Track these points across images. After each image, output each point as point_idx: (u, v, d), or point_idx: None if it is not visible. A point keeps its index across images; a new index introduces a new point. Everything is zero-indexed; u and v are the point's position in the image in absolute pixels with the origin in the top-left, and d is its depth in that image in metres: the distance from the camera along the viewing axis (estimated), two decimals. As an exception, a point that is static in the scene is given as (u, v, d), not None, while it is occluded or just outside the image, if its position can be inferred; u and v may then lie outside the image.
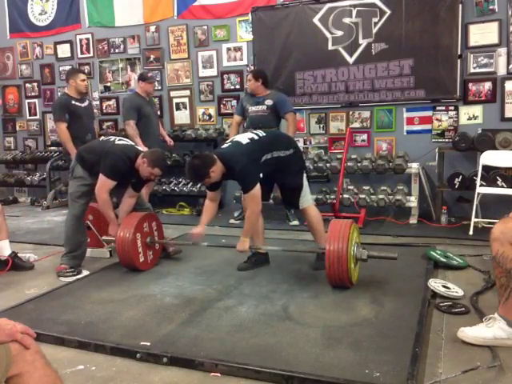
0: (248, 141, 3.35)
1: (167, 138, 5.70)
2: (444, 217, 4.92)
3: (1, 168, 7.80)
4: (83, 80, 5.00)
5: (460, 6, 5.05)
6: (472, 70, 5.12)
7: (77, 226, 3.79)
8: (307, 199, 3.55)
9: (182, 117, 6.55)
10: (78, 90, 4.97)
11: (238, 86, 6.16)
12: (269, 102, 5.09)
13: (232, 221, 5.43)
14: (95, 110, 6.48)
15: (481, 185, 4.59)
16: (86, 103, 5.09)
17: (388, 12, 5.33)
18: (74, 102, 4.93)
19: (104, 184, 3.57)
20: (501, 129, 4.84)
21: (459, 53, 5.11)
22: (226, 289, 3.20)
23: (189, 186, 6.07)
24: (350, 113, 5.67)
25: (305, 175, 3.56)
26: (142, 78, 5.40)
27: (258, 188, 3.23)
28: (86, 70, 6.86)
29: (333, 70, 5.63)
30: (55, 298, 3.15)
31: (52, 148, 7.34)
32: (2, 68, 7.73)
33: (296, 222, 5.20)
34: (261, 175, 3.27)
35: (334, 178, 5.42)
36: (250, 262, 3.67)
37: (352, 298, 2.95)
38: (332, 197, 5.32)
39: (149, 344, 2.38)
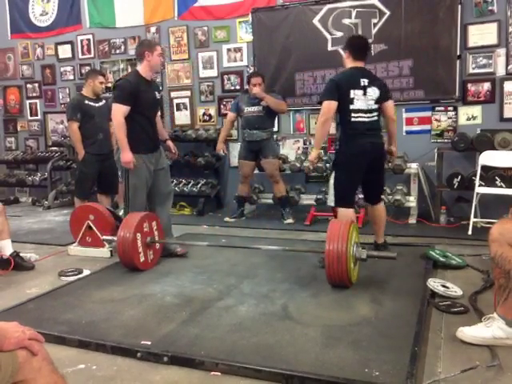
0: None
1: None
2: (443, 217, 4.94)
3: (2, 168, 7.81)
4: (101, 82, 5.08)
5: (459, 6, 5.06)
6: (471, 71, 5.13)
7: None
8: (331, 199, 3.68)
9: (182, 117, 6.56)
10: (94, 90, 5.03)
11: (238, 87, 6.17)
12: (264, 103, 5.15)
13: (227, 219, 5.48)
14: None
15: (480, 185, 4.60)
16: (101, 103, 5.13)
17: (387, 13, 5.34)
18: (87, 102, 4.99)
19: (118, 109, 3.71)
20: (500, 129, 4.85)
21: (458, 53, 5.12)
22: (226, 288, 3.22)
23: (189, 186, 6.08)
24: (350, 113, 5.68)
25: (337, 174, 3.68)
26: None
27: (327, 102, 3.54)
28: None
29: (332, 71, 5.62)
30: (56, 297, 3.17)
31: (53, 148, 7.36)
32: (4, 68, 7.74)
33: (290, 221, 5.26)
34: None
35: (334, 178, 5.44)
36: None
37: (351, 298, 2.96)
38: (332, 197, 5.34)
39: (149, 343, 2.39)
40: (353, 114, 3.58)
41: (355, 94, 3.56)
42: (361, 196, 5.12)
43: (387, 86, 3.90)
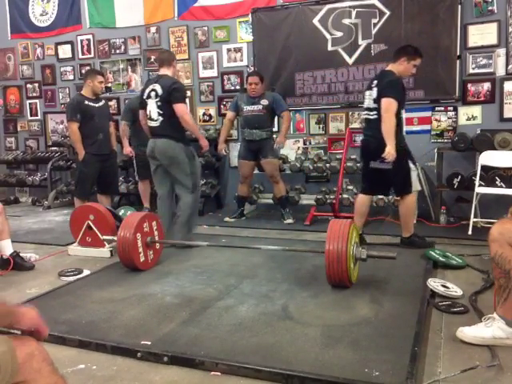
0: None
1: None
2: (443, 217, 4.94)
3: (2, 168, 7.81)
4: (101, 82, 5.08)
5: (459, 6, 5.07)
6: (471, 71, 5.14)
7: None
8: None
9: (182, 117, 6.56)
10: (93, 90, 5.03)
11: (238, 87, 6.17)
12: (264, 102, 5.19)
13: (227, 219, 5.48)
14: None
15: (480, 185, 4.60)
16: (100, 103, 5.14)
17: (387, 13, 5.35)
18: (86, 102, 4.99)
19: (185, 108, 4.21)
20: (500, 129, 4.85)
21: (458, 53, 5.12)
22: (226, 288, 3.22)
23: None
24: (350, 113, 5.69)
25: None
26: None
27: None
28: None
29: (332, 71, 5.64)
30: (56, 297, 3.17)
31: (53, 148, 7.37)
32: (4, 69, 7.74)
33: (290, 221, 5.28)
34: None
35: (334, 178, 5.44)
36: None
37: (351, 298, 2.97)
38: (332, 197, 5.34)
39: (149, 343, 2.39)
40: (364, 112, 4.22)
41: (366, 94, 4.17)
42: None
43: (390, 85, 3.92)
